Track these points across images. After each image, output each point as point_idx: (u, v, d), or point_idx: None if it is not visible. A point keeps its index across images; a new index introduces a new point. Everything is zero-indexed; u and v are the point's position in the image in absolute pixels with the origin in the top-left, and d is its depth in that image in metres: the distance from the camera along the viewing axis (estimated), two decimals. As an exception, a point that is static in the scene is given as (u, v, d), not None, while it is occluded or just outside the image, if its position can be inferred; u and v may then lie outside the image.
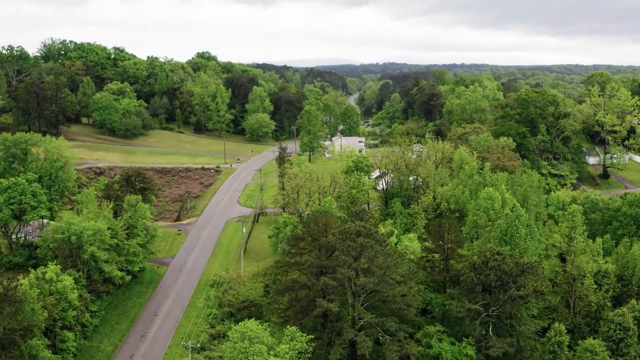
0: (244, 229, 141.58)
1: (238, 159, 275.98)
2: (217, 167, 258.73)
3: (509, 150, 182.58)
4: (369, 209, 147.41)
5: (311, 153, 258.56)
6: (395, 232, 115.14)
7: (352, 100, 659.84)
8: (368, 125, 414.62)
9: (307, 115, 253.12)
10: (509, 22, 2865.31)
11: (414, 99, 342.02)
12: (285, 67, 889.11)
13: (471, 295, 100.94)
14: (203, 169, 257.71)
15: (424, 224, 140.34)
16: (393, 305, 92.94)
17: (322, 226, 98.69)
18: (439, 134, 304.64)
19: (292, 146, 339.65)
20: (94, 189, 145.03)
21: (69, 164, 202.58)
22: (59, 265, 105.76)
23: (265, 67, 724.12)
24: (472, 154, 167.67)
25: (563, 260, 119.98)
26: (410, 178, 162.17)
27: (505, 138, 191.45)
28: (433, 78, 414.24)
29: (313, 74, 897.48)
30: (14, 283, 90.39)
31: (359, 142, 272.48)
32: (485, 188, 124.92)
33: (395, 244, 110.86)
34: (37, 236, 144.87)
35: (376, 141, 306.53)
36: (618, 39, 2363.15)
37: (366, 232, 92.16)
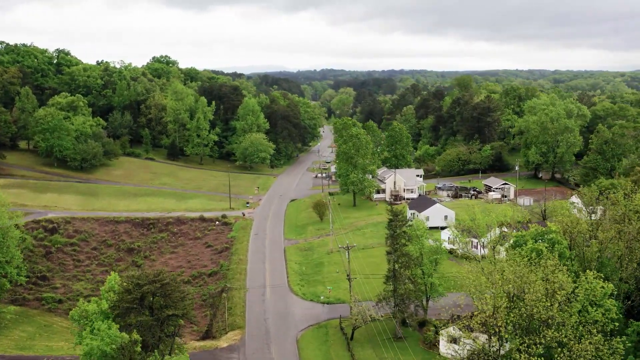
0: None
1: (247, 203, 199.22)
2: (223, 216, 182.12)
3: None
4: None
5: (355, 194, 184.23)
6: None
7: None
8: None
9: (354, 142, 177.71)
10: (445, 28, 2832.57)
11: (452, 114, 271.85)
12: (236, 74, 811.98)
13: None
14: (202, 219, 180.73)
15: None
16: None
17: None
18: (499, 161, 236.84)
19: (288, 179, 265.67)
20: None
21: (10, 235, 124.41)
22: None
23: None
24: None
25: None
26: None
27: None
28: (458, 87, 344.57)
29: (267, 81, 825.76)
30: None
31: (417, 176, 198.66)
32: None
33: None
34: None
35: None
36: (553, 44, 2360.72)
37: None
